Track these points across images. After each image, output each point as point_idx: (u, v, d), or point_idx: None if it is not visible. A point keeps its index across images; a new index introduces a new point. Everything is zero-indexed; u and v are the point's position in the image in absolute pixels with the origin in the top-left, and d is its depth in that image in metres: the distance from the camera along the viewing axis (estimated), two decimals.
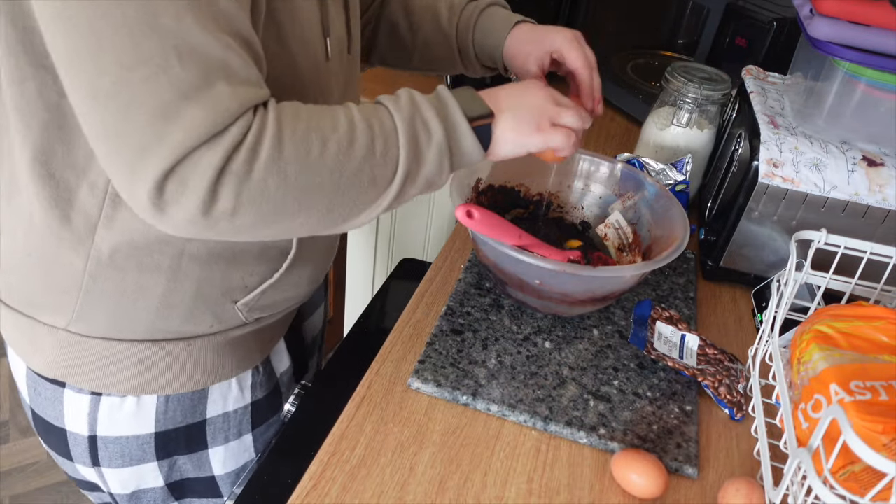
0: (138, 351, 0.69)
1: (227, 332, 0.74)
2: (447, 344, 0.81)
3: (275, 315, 0.80)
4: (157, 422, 0.74)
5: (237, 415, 0.81)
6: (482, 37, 0.85)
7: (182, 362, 0.71)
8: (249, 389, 0.81)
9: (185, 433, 0.77)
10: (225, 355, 0.75)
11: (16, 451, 1.72)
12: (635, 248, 0.91)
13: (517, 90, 0.68)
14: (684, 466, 0.71)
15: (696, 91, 1.05)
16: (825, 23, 0.85)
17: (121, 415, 0.72)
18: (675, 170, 1.01)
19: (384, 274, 1.66)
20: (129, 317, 0.67)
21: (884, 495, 0.52)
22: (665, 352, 0.81)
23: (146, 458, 0.76)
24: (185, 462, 0.80)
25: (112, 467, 0.76)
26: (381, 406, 0.74)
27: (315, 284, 0.83)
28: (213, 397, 0.77)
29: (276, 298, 0.76)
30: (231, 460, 0.84)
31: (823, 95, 0.92)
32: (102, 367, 0.69)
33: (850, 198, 0.88)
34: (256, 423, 0.83)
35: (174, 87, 0.47)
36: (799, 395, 0.67)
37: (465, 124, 0.61)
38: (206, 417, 0.77)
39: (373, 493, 0.66)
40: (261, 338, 0.79)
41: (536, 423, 0.74)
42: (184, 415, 0.75)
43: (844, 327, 0.69)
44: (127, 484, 0.78)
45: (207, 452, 0.80)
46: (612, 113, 1.46)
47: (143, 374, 0.70)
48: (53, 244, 0.64)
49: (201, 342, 0.72)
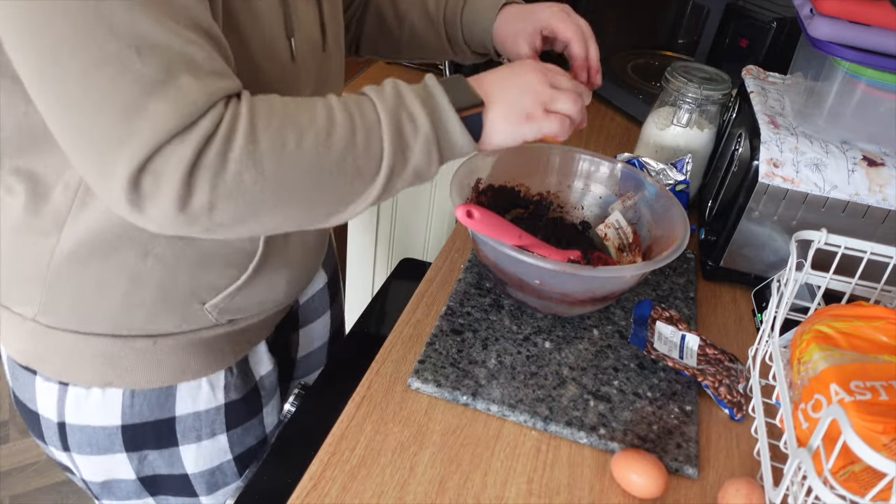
0: (102, 345, 0.69)
1: (196, 331, 0.73)
2: (447, 344, 0.81)
3: (251, 317, 0.78)
4: (124, 415, 0.73)
5: (209, 415, 0.78)
6: (470, 22, 0.84)
7: (147, 359, 0.71)
8: (222, 390, 0.78)
9: (153, 428, 0.75)
10: (193, 355, 0.74)
11: (16, 451, 1.72)
12: (635, 248, 0.91)
13: (508, 74, 0.65)
14: (684, 466, 0.71)
15: (696, 91, 1.05)
16: (825, 23, 0.85)
17: (87, 405, 0.72)
18: (675, 170, 1.01)
19: (384, 274, 1.66)
20: (93, 312, 0.67)
21: (884, 495, 0.52)
22: (665, 352, 0.81)
23: (115, 449, 0.75)
24: (157, 458, 0.78)
25: (82, 454, 0.75)
26: (381, 406, 0.74)
27: (296, 287, 0.82)
28: (181, 395, 0.75)
29: (249, 301, 0.75)
30: (204, 460, 0.81)
31: (823, 95, 0.92)
32: (67, 358, 0.70)
33: (851, 198, 0.88)
34: (231, 424, 0.81)
35: (137, 83, 0.47)
36: (799, 395, 0.67)
37: (454, 115, 0.60)
38: (175, 415, 0.76)
39: (373, 493, 0.66)
40: (235, 339, 0.77)
41: (536, 423, 0.74)
42: (151, 410, 0.74)
43: (844, 327, 0.69)
44: (97, 472, 0.78)
45: (179, 450, 0.78)
46: (612, 113, 1.46)
47: (107, 368, 0.70)
48: (22, 236, 0.64)
49: (168, 340, 0.71)
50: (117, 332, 0.69)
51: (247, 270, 0.71)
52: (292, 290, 0.82)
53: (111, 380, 0.71)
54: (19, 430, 1.76)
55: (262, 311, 0.79)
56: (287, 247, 0.76)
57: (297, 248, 0.78)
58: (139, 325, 0.69)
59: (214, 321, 0.74)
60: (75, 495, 1.64)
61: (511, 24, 0.81)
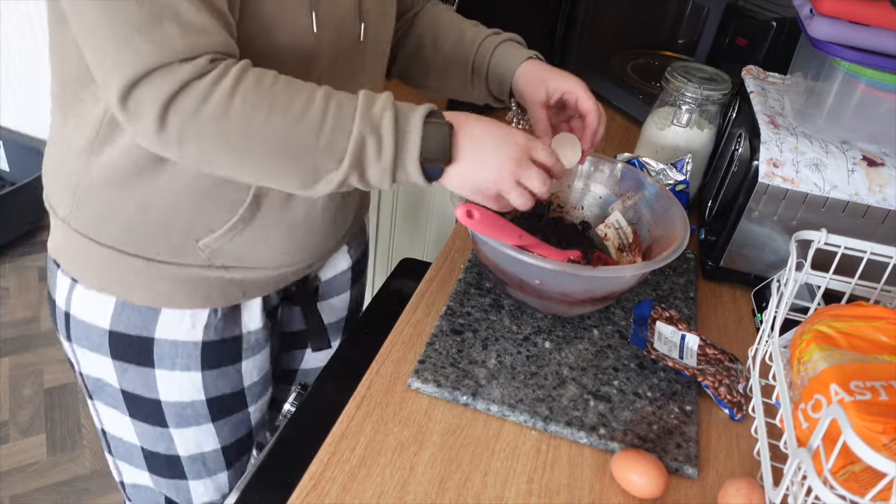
0: (107, 256, 0.78)
1: (189, 266, 0.78)
2: (447, 344, 0.81)
3: (246, 269, 0.81)
4: (112, 321, 0.81)
5: (186, 347, 0.83)
6: (499, 60, 0.89)
7: (140, 278, 0.78)
8: (202, 328, 0.83)
9: (136, 343, 0.82)
10: (181, 286, 0.79)
11: (16, 451, 1.72)
12: (635, 248, 0.91)
13: (496, 137, 0.69)
14: (684, 466, 0.71)
15: (696, 91, 1.05)
16: (825, 23, 0.85)
17: (87, 303, 0.82)
18: (675, 170, 1.01)
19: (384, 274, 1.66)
20: (103, 226, 0.77)
21: (884, 495, 0.52)
22: (665, 352, 0.81)
23: (103, 351, 0.83)
24: (135, 375, 0.84)
25: (80, 346, 0.85)
26: (381, 406, 0.74)
27: (300, 257, 0.85)
28: (163, 319, 0.81)
29: (242, 251, 0.79)
30: (176, 390, 0.85)
31: (823, 95, 0.92)
32: (79, 259, 0.80)
33: (850, 198, 0.88)
34: (206, 364, 0.85)
35: (131, 21, 0.58)
36: (799, 395, 0.67)
37: (416, 161, 0.66)
38: (155, 337, 0.82)
39: (373, 493, 0.66)
40: (226, 286, 0.82)
41: (536, 423, 0.74)
42: (135, 325, 0.81)
43: (844, 327, 0.69)
44: (91, 368, 0.86)
45: (154, 372, 0.84)
46: (612, 113, 1.46)
47: (106, 276, 0.79)
48: (68, 151, 0.76)
49: (161, 266, 0.78)
50: (120, 247, 0.77)
51: (235, 215, 0.76)
52: (295, 257, 0.84)
53: (107, 286, 0.80)
54: (19, 430, 1.77)
55: (258, 267, 0.82)
56: (286, 210, 0.79)
57: (298, 217, 0.81)
58: (139, 247, 0.77)
59: (207, 261, 0.79)
60: (75, 495, 1.64)
61: (538, 72, 0.85)
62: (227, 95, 0.60)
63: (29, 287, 2.20)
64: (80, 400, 1.86)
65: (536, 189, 0.70)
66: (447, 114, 0.70)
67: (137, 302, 0.80)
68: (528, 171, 0.70)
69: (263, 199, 0.77)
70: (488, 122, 0.70)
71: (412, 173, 0.66)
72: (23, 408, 1.83)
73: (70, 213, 0.78)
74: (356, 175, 0.66)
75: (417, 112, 0.66)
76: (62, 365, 1.95)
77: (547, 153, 0.71)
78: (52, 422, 1.80)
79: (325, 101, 0.64)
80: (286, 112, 0.62)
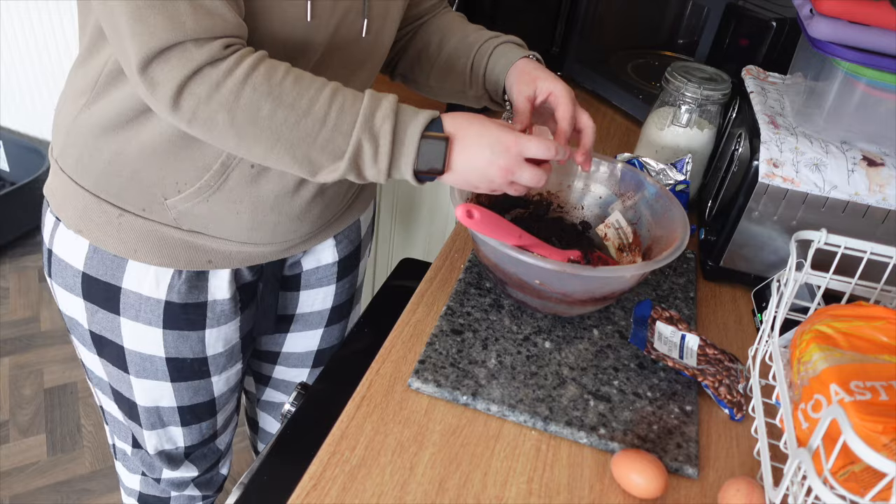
0: (84, 199, 0.82)
1: (157, 223, 0.82)
2: (447, 344, 0.81)
3: (213, 239, 0.84)
4: (85, 264, 0.85)
5: (149, 303, 0.86)
6: (495, 60, 0.90)
7: (111, 226, 0.82)
8: (166, 287, 0.85)
9: (104, 288, 0.86)
10: (147, 241, 0.83)
11: (16, 451, 1.72)
12: (635, 248, 0.91)
13: (489, 147, 0.71)
14: (684, 466, 0.72)
15: (696, 91, 1.05)
16: (825, 23, 0.85)
17: (65, 242, 0.86)
18: (675, 170, 1.01)
19: (384, 274, 1.66)
20: (84, 168, 0.81)
21: (884, 495, 0.52)
22: (665, 352, 0.81)
23: (76, 291, 0.88)
24: (103, 318, 0.88)
25: (57, 283, 0.90)
26: (381, 406, 0.74)
27: (267, 237, 0.87)
28: (130, 271, 0.84)
29: (207, 219, 0.82)
30: (137, 340, 0.89)
31: (823, 95, 0.92)
32: (61, 199, 0.85)
33: (850, 198, 0.88)
34: (168, 324, 0.88)
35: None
36: (799, 395, 0.67)
37: (410, 174, 0.70)
38: (122, 286, 0.85)
39: (373, 493, 0.66)
40: (192, 251, 0.84)
41: (536, 423, 0.74)
42: (104, 271, 0.85)
43: (844, 327, 0.69)
44: (66, 306, 0.91)
45: (119, 319, 0.88)
46: (612, 113, 1.46)
47: (81, 218, 0.83)
48: (68, 95, 0.82)
49: (131, 218, 0.82)
50: (96, 192, 0.82)
51: (201, 180, 0.79)
52: (262, 237, 0.87)
53: (83, 229, 0.84)
54: (19, 430, 1.76)
55: (223, 238, 0.85)
56: (253, 188, 0.81)
57: (267, 198, 0.83)
58: (112, 195, 0.81)
59: (174, 222, 0.82)
60: (75, 495, 1.64)
61: (532, 69, 0.86)
62: (239, 84, 0.64)
63: (29, 287, 2.20)
64: (80, 400, 1.86)
65: (529, 185, 0.73)
66: (446, 117, 0.71)
67: (107, 249, 0.84)
68: (521, 171, 0.72)
69: (231, 171, 0.79)
70: (481, 127, 0.71)
71: (407, 179, 0.71)
72: (23, 408, 1.83)
73: (60, 153, 0.84)
74: (353, 174, 0.70)
75: (416, 124, 0.69)
76: (62, 365, 1.95)
77: (539, 147, 0.72)
78: (52, 422, 1.80)
79: (330, 101, 0.67)
80: (292, 107, 0.66)
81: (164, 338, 0.89)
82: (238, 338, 0.96)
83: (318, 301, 1.08)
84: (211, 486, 1.18)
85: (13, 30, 2.27)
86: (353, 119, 0.67)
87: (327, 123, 0.67)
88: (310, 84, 0.67)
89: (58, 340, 2.02)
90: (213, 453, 1.12)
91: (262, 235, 0.87)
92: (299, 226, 0.89)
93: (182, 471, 1.09)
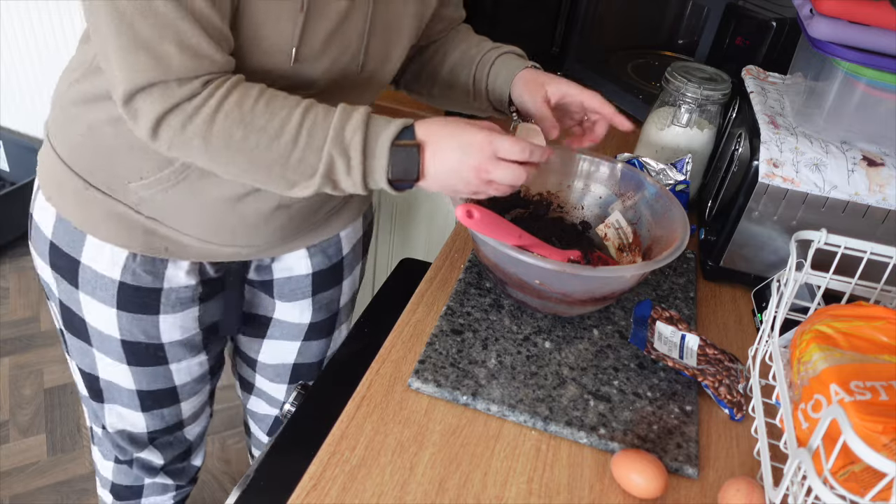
0: (58, 168, 0.86)
1: (119, 203, 0.84)
2: (447, 344, 0.81)
3: (173, 231, 0.86)
4: (53, 234, 0.88)
5: (104, 282, 0.88)
6: (497, 71, 0.91)
7: (76, 198, 0.85)
8: (120, 268, 0.87)
9: (67, 260, 0.88)
10: (107, 219, 0.85)
11: (16, 451, 1.72)
12: (635, 248, 0.91)
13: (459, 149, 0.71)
14: (684, 466, 0.72)
15: (696, 91, 1.05)
16: (825, 23, 0.85)
17: (40, 209, 0.90)
18: (675, 170, 1.01)
19: (384, 274, 1.66)
20: (62, 139, 0.85)
21: (884, 495, 0.52)
22: (665, 352, 0.81)
23: (45, 259, 0.91)
24: (66, 289, 0.91)
25: (34, 250, 0.93)
26: (381, 406, 0.74)
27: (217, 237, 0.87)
28: (88, 247, 0.86)
29: (167, 210, 0.84)
30: (95, 317, 0.91)
31: (823, 95, 0.92)
32: (42, 167, 0.89)
33: (850, 198, 0.88)
34: (122, 305, 0.89)
35: (136, 36, 0.64)
36: (799, 395, 0.67)
37: (385, 183, 0.71)
38: (81, 261, 0.87)
39: (373, 493, 0.66)
40: (151, 237, 0.86)
41: (536, 423, 0.74)
42: (66, 243, 0.88)
43: (844, 327, 0.69)
44: (40, 270, 0.94)
45: (78, 294, 0.90)
46: None
47: (53, 186, 0.87)
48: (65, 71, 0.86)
49: (96, 193, 0.84)
50: (70, 163, 0.85)
51: (161, 172, 0.81)
52: (219, 238, 0.87)
53: (53, 197, 0.88)
54: (19, 430, 1.76)
55: (181, 231, 0.86)
56: (211, 189, 0.82)
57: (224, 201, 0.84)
58: (81, 168, 0.84)
59: (136, 205, 0.84)
60: (75, 495, 1.64)
61: (536, 77, 0.88)
62: (212, 113, 0.67)
63: (29, 287, 2.20)
64: (79, 400, 1.86)
65: (507, 182, 0.72)
66: (420, 124, 0.72)
67: (70, 220, 0.86)
68: (496, 170, 0.71)
69: (192, 170, 0.81)
70: (453, 129, 0.72)
71: (384, 188, 0.72)
72: (23, 408, 1.83)
73: (49, 121, 0.88)
74: (329, 186, 0.72)
75: (386, 135, 0.70)
76: (62, 365, 1.95)
77: (512, 148, 0.71)
78: (52, 422, 1.80)
79: (301, 120, 0.69)
80: (263, 131, 0.68)
81: (119, 319, 0.90)
82: (198, 328, 0.97)
83: (294, 313, 1.08)
84: (183, 476, 1.18)
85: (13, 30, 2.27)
86: (324, 135, 0.69)
87: (299, 143, 0.69)
88: (282, 105, 0.69)
89: (58, 340, 2.02)
90: (181, 443, 1.12)
91: (220, 236, 0.88)
92: (260, 232, 0.89)
93: (148, 453, 1.09)
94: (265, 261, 1.00)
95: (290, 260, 1.01)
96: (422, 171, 0.72)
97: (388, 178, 0.71)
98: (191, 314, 0.94)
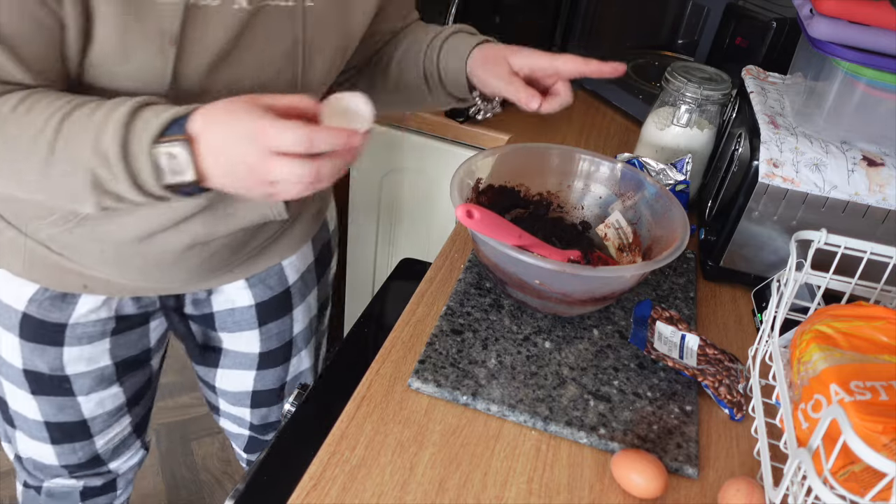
0: None
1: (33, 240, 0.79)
2: (447, 344, 0.81)
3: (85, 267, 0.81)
4: None
5: (9, 310, 0.84)
6: (447, 56, 0.84)
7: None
8: (26, 300, 0.83)
9: None
10: (19, 256, 0.80)
11: None
12: (635, 248, 0.91)
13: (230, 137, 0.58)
14: (684, 466, 0.72)
15: (695, 91, 1.05)
16: (825, 23, 0.85)
17: None
18: (675, 170, 1.01)
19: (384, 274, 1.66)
20: None
21: (884, 495, 0.52)
22: (665, 352, 0.81)
23: None
24: None
25: None
26: (381, 406, 0.74)
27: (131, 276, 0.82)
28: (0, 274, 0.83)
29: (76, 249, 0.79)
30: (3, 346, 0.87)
31: (823, 95, 0.92)
32: None
33: (850, 198, 0.88)
34: (25, 335, 0.85)
35: None
36: (799, 395, 0.67)
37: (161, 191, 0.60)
38: None
39: (373, 493, 0.66)
40: (65, 274, 0.81)
41: (536, 423, 0.74)
42: None
43: (844, 327, 0.69)
44: None
45: None
46: (612, 113, 1.46)
47: None
48: None
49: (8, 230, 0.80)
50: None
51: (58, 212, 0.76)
52: (133, 276, 0.83)
53: None
54: None
55: (96, 269, 0.81)
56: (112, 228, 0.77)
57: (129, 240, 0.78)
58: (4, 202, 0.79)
59: (46, 242, 0.79)
60: None
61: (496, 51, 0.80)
62: None
63: None
64: None
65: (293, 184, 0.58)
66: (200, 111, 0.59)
67: None
68: (276, 167, 0.57)
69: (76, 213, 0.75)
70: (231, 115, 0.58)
71: (166, 197, 0.61)
72: None
73: None
74: (111, 199, 0.62)
75: (148, 131, 0.58)
76: None
77: (282, 137, 0.56)
78: None
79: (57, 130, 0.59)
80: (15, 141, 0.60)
81: (21, 348, 0.86)
82: (109, 361, 0.91)
83: (241, 343, 1.01)
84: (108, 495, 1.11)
85: None
86: (84, 141, 0.59)
87: (56, 155, 0.59)
88: (38, 116, 0.59)
89: None
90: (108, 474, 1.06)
91: (129, 274, 0.83)
92: (178, 269, 0.83)
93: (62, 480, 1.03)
94: (200, 294, 0.93)
95: (231, 291, 0.94)
96: (199, 171, 0.59)
97: (161, 185, 0.59)
98: (99, 347, 0.89)
